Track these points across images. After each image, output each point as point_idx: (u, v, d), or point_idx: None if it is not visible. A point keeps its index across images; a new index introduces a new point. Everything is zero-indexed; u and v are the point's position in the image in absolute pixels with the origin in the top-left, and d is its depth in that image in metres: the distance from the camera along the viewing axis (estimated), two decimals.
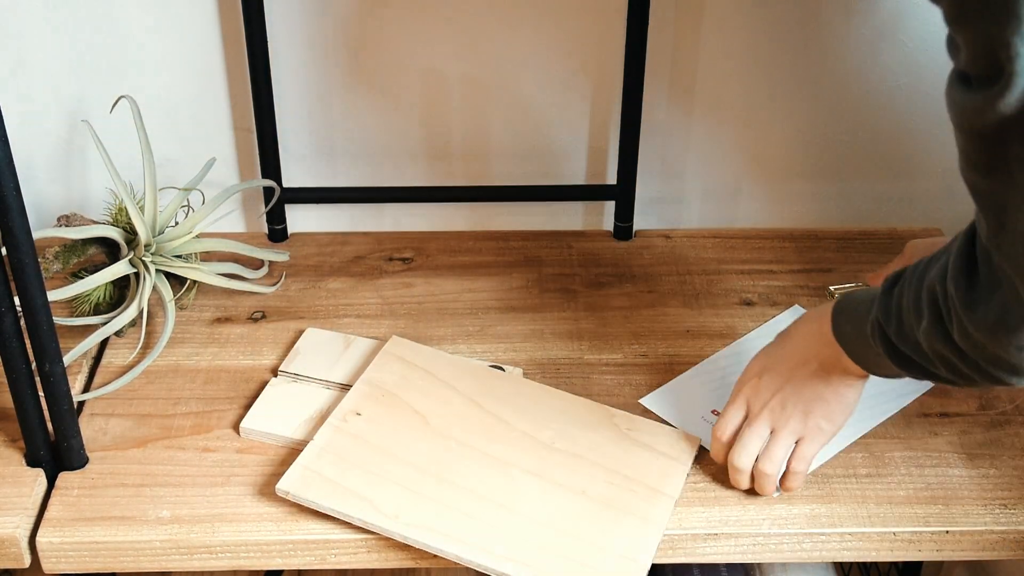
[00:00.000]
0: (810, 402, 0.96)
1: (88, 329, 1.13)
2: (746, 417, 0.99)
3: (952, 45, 0.70)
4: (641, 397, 1.09)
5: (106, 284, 1.15)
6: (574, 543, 0.94)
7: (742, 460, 0.98)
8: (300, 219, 1.37)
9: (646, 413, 1.07)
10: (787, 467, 0.98)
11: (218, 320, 1.20)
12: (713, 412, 1.07)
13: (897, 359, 0.87)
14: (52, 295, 1.02)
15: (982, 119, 0.68)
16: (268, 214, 1.32)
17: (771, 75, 1.29)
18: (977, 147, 0.70)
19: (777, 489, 0.98)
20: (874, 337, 0.88)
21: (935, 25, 0.93)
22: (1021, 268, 0.71)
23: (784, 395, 0.97)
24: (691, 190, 1.38)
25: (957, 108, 0.70)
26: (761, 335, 1.16)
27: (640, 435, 1.04)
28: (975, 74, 0.68)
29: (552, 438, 1.03)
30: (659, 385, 1.11)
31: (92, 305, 1.15)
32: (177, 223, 1.19)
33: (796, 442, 0.97)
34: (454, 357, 1.12)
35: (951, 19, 0.68)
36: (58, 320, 1.06)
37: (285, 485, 0.96)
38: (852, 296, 0.93)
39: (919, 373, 0.87)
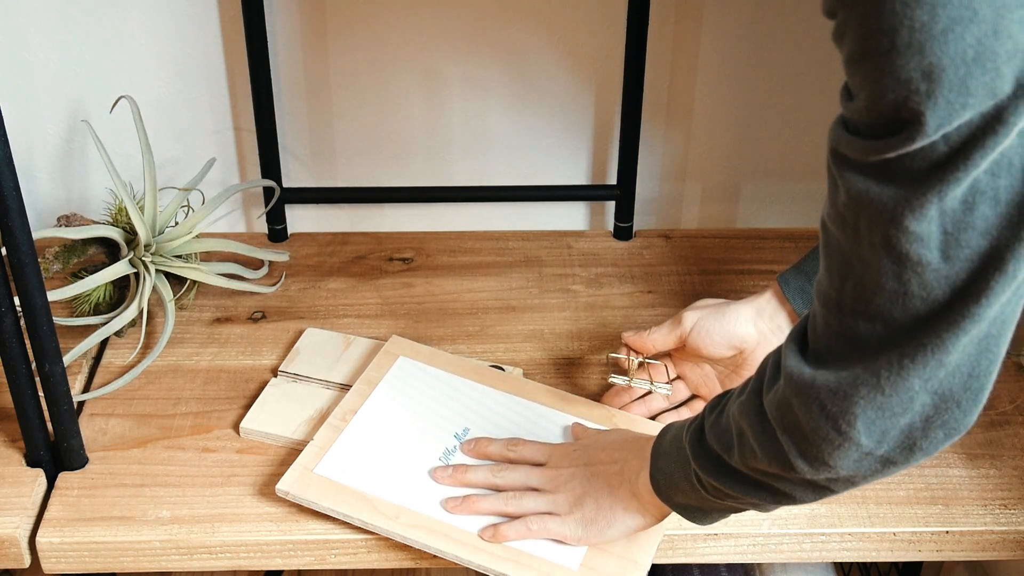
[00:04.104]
0: (589, 497, 0.92)
1: (88, 329, 1.13)
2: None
3: (846, 92, 0.65)
4: None
5: (106, 284, 1.15)
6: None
7: (499, 478, 0.96)
8: (300, 219, 1.37)
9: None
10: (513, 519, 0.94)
11: (218, 320, 1.20)
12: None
13: (706, 459, 0.82)
14: (52, 295, 1.02)
15: (860, 160, 0.64)
16: (268, 214, 1.32)
17: (771, 75, 1.29)
18: (845, 186, 0.65)
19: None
20: (687, 437, 0.84)
21: None
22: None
23: (576, 475, 0.94)
24: (691, 190, 1.38)
25: (841, 143, 0.65)
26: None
27: None
28: (869, 123, 0.62)
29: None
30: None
31: (92, 305, 1.15)
32: (177, 223, 1.19)
33: (548, 513, 0.93)
34: (454, 357, 1.12)
35: (856, 58, 0.62)
36: (58, 320, 1.06)
37: (285, 485, 0.96)
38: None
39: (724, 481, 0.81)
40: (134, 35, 1.24)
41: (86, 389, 1.11)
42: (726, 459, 0.80)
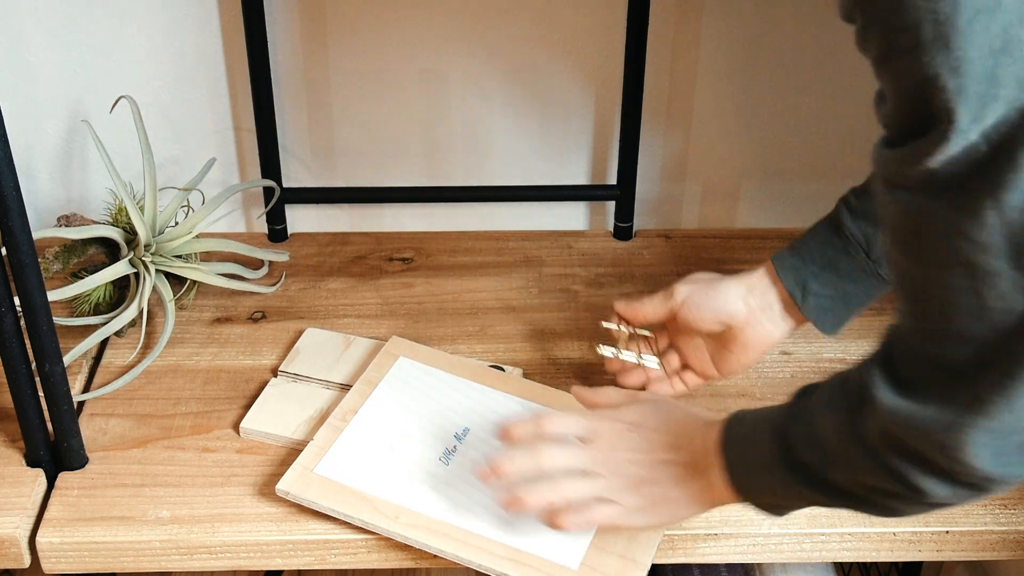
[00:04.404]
0: (652, 486, 0.88)
1: (88, 329, 1.13)
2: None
3: (880, 97, 0.64)
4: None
5: (106, 284, 1.14)
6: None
7: (544, 461, 0.89)
8: (300, 219, 1.37)
9: None
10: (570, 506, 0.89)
11: (218, 320, 1.20)
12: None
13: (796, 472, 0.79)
14: (52, 295, 1.02)
15: (905, 174, 0.62)
16: (268, 214, 1.32)
17: (771, 75, 1.29)
18: (899, 211, 0.64)
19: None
20: (774, 445, 0.80)
21: None
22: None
23: (636, 460, 0.89)
24: (691, 190, 1.38)
25: (883, 163, 0.64)
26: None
27: None
28: (902, 124, 0.62)
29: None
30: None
31: (92, 305, 1.15)
32: (177, 223, 1.19)
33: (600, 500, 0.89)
34: (454, 357, 1.12)
35: (882, 58, 0.61)
36: (58, 320, 1.06)
37: (285, 485, 0.96)
38: (743, 417, 0.86)
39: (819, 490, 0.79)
40: (134, 35, 1.24)
41: (86, 389, 1.11)
42: (827, 474, 0.77)
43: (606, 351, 1.05)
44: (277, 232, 1.33)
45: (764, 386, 1.11)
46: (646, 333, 1.07)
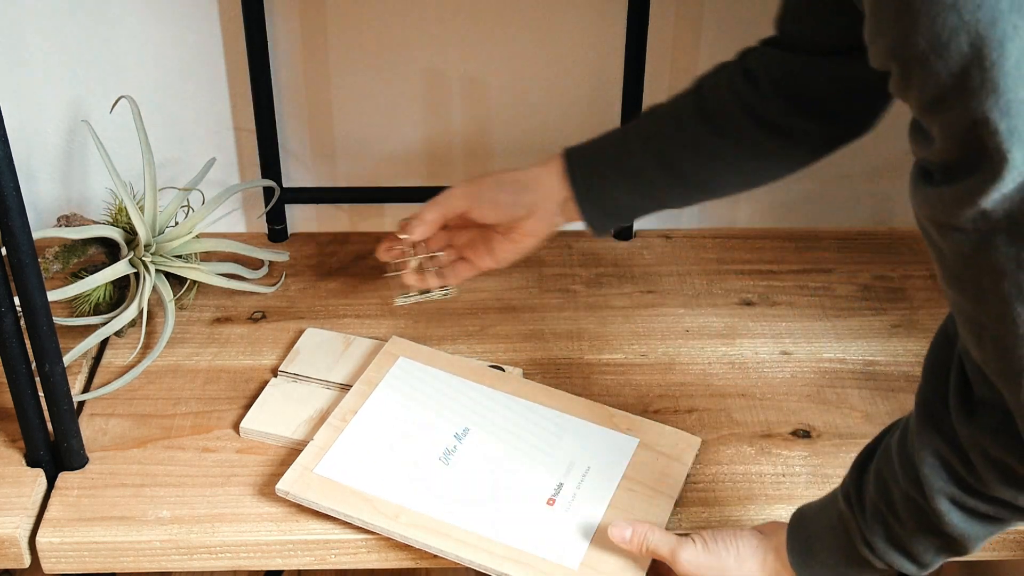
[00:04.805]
0: None
1: (88, 329, 1.13)
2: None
3: (920, 134, 0.63)
4: (642, 399, 1.09)
5: (106, 284, 1.15)
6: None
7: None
8: (300, 219, 1.37)
9: (645, 413, 1.07)
10: None
11: (218, 320, 1.20)
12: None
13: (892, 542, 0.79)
14: (52, 295, 1.02)
15: (956, 213, 0.62)
16: (268, 214, 1.32)
17: None
18: (952, 249, 0.64)
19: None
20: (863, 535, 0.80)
21: None
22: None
23: None
24: None
25: (930, 203, 0.64)
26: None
27: (640, 435, 1.04)
28: (950, 163, 0.61)
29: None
30: (658, 384, 1.11)
31: (92, 305, 1.15)
32: (177, 223, 1.19)
33: None
34: (454, 357, 1.12)
35: (928, 105, 0.60)
36: (58, 320, 1.06)
37: (285, 485, 0.96)
38: (805, 516, 0.86)
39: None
40: (134, 35, 1.24)
41: (86, 389, 1.11)
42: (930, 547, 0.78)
43: (403, 297, 1.11)
44: (277, 232, 1.33)
45: (764, 386, 1.12)
46: (438, 254, 1.10)
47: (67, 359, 1.00)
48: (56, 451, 1.00)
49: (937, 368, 0.74)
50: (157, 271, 1.15)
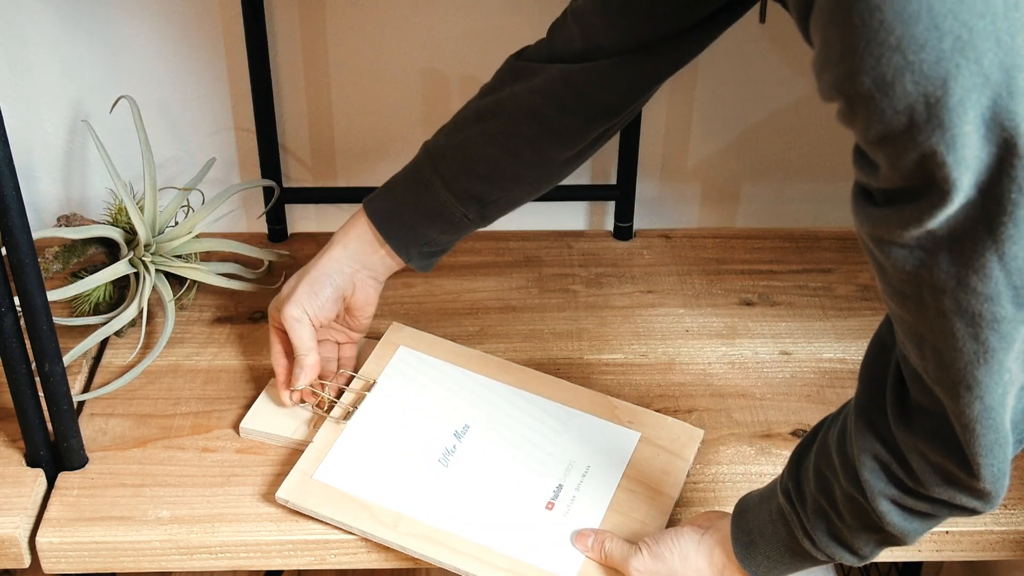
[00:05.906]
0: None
1: (88, 329, 1.13)
2: None
3: (864, 161, 0.64)
4: (642, 399, 1.10)
5: (106, 284, 1.14)
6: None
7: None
8: (300, 219, 1.37)
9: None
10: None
11: (218, 320, 1.20)
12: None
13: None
14: (52, 295, 1.02)
15: (900, 233, 0.63)
16: (268, 214, 1.32)
17: (771, 75, 1.29)
18: (893, 266, 0.65)
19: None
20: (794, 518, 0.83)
21: None
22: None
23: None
24: (691, 190, 1.38)
25: (872, 222, 0.65)
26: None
27: (642, 427, 1.04)
28: (896, 189, 0.62)
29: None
30: (658, 384, 1.11)
31: (92, 305, 1.15)
32: (177, 223, 1.19)
33: None
34: (456, 345, 1.12)
35: (875, 139, 0.61)
36: (58, 320, 1.06)
37: (284, 493, 0.96)
38: (746, 507, 0.88)
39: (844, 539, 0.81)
40: (134, 35, 1.24)
41: (86, 389, 1.11)
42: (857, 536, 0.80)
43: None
44: (277, 232, 1.33)
45: (764, 386, 1.12)
46: (343, 373, 1.08)
47: (67, 359, 1.00)
48: (56, 451, 1.00)
49: (874, 375, 0.76)
50: (157, 271, 1.15)
